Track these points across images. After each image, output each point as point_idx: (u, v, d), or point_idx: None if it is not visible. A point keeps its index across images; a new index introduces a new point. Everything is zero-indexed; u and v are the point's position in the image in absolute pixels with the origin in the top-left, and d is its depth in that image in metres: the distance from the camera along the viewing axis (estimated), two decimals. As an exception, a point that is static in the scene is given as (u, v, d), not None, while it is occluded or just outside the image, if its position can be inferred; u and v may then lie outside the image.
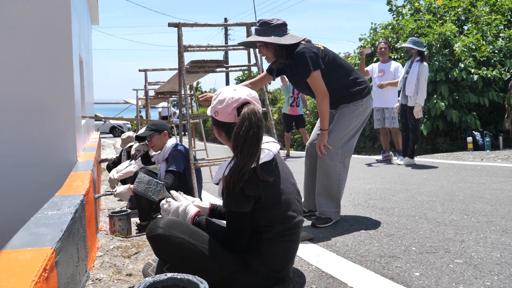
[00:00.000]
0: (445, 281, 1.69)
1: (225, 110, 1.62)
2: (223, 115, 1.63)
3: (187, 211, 1.70)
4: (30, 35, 3.29)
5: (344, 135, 2.56)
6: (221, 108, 1.63)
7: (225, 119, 1.64)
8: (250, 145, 1.51)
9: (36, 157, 3.33)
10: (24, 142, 3.31)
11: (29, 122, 3.32)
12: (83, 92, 5.10)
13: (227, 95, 1.63)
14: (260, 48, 2.53)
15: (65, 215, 1.56)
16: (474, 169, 4.65)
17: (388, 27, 8.87)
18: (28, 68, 3.31)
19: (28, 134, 3.32)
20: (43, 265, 1.09)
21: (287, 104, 7.52)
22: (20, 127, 3.31)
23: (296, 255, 1.73)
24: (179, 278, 1.19)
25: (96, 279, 1.93)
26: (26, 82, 3.31)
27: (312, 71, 2.42)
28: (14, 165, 3.29)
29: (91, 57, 7.78)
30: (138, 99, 8.24)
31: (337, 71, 2.53)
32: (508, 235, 2.24)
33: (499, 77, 7.02)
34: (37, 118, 3.34)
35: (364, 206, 3.13)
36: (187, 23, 3.05)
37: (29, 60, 3.31)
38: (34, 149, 3.33)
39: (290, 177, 1.72)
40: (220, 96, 1.65)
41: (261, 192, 1.55)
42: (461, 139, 7.29)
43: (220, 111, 1.63)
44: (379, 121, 5.95)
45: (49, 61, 3.34)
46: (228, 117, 1.63)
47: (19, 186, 3.28)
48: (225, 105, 1.62)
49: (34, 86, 3.32)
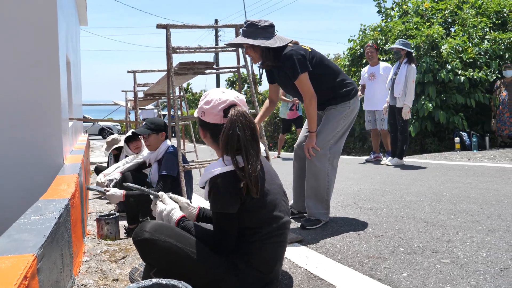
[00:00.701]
0: (432, 281, 1.70)
1: (211, 111, 1.62)
2: (209, 116, 1.63)
3: (171, 216, 1.69)
4: (15, 36, 3.23)
5: (332, 137, 2.57)
6: (208, 108, 1.63)
7: (211, 120, 1.63)
8: (250, 146, 1.53)
9: (21, 160, 3.27)
10: (8, 145, 3.24)
11: (13, 123, 3.26)
12: (70, 94, 5.03)
13: (215, 96, 1.63)
14: (247, 50, 2.52)
15: (49, 220, 1.53)
16: (461, 169, 4.71)
17: (377, 29, 8.94)
18: (13, 69, 3.25)
19: (12, 136, 3.26)
20: (24, 273, 1.06)
21: (286, 108, 7.45)
22: (4, 129, 3.24)
23: (284, 256, 1.73)
24: (165, 284, 1.17)
25: (82, 285, 1.90)
26: (10, 83, 3.24)
27: (299, 73, 2.43)
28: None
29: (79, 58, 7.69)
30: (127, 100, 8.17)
31: (324, 73, 2.54)
32: (494, 235, 2.26)
33: (485, 78, 7.13)
34: (22, 119, 3.27)
35: (353, 207, 3.14)
36: (175, 24, 3.03)
37: (14, 61, 3.25)
38: (19, 151, 3.26)
39: (276, 178, 1.72)
40: (208, 97, 1.65)
41: None
42: (449, 140, 7.38)
43: (207, 111, 1.63)
44: (370, 122, 6.03)
45: (35, 62, 3.28)
46: (214, 118, 1.62)
47: (2, 190, 3.21)
48: (212, 105, 1.62)
49: (19, 88, 3.26)
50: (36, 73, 3.29)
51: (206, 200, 1.66)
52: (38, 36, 3.27)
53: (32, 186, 3.16)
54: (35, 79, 3.29)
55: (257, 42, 2.41)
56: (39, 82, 3.30)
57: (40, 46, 3.28)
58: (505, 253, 1.97)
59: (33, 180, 3.23)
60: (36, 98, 3.30)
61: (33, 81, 3.29)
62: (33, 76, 3.28)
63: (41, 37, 3.28)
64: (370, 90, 5.88)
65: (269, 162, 1.79)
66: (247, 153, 1.52)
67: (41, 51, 3.29)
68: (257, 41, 2.41)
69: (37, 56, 3.28)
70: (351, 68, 9.09)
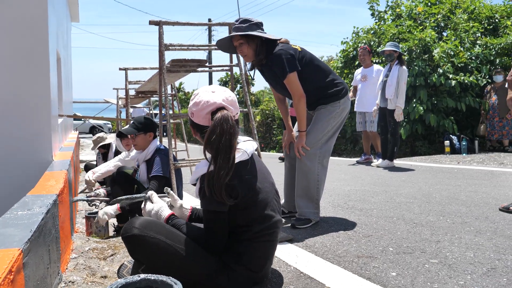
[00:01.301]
0: (420, 280, 1.72)
1: (199, 113, 1.60)
2: (198, 118, 1.62)
3: (159, 214, 1.67)
4: (4, 30, 3.18)
5: (322, 136, 2.58)
6: (196, 110, 1.61)
7: (199, 122, 1.62)
8: (224, 152, 1.48)
9: (9, 156, 3.22)
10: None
11: (1, 119, 3.21)
12: (60, 90, 4.97)
13: (203, 98, 1.59)
14: (241, 47, 2.47)
15: (36, 215, 1.51)
16: (451, 172, 4.76)
17: (370, 31, 9.00)
18: (1, 64, 3.20)
19: (0, 132, 3.21)
20: (9, 267, 1.05)
21: None
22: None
23: (274, 255, 1.72)
24: (153, 279, 1.16)
25: (69, 281, 1.87)
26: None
27: (288, 73, 2.43)
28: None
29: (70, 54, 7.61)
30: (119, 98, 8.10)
31: (314, 73, 2.55)
32: (482, 236, 2.29)
33: (475, 83, 7.23)
34: (10, 115, 3.22)
35: (343, 207, 3.15)
36: (168, 21, 3.01)
37: (2, 56, 3.20)
38: (7, 147, 3.21)
39: (268, 176, 1.71)
40: (197, 98, 1.62)
41: (239, 191, 1.53)
42: (439, 143, 7.46)
43: (195, 113, 1.62)
44: (360, 124, 6.07)
45: (24, 57, 3.23)
46: (202, 120, 1.61)
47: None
48: (200, 108, 1.59)
49: (8, 83, 3.21)
50: (25, 69, 3.24)
51: (196, 197, 1.65)
52: (28, 31, 3.22)
53: (20, 182, 3.12)
54: (24, 74, 3.24)
55: (256, 33, 2.40)
56: (28, 77, 3.25)
57: (30, 40, 3.23)
58: (492, 254, 1.99)
59: (21, 176, 3.19)
60: (25, 93, 3.25)
61: (22, 77, 3.24)
62: (23, 72, 3.24)
63: (30, 32, 3.23)
64: (362, 91, 5.93)
65: (261, 160, 1.79)
66: (217, 159, 1.48)
67: (31, 45, 3.24)
68: (255, 32, 2.40)
69: (27, 50, 3.24)
70: (344, 70, 9.14)
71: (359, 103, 5.98)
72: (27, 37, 3.22)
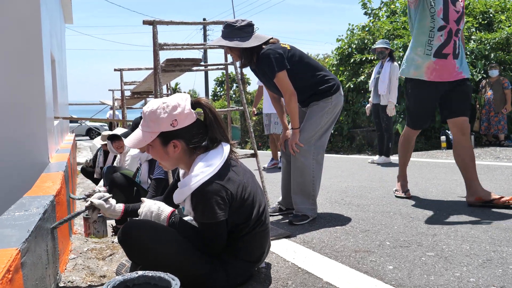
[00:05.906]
0: (417, 273, 1.73)
1: (183, 112, 1.55)
2: (183, 120, 1.56)
3: (159, 214, 1.60)
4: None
5: (315, 133, 2.59)
6: (178, 113, 1.54)
7: (187, 122, 1.57)
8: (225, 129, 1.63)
9: (4, 158, 3.20)
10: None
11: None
12: (55, 92, 4.96)
13: (175, 100, 1.56)
14: (227, 50, 2.56)
15: (33, 215, 1.51)
16: (447, 167, 4.79)
17: (365, 29, 9.03)
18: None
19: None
20: (7, 266, 1.05)
21: None
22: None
23: (268, 243, 1.72)
24: (150, 276, 1.17)
25: (68, 281, 1.88)
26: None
27: (277, 72, 2.45)
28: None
29: (65, 56, 7.58)
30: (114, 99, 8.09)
31: (304, 70, 2.56)
32: (477, 229, 2.31)
33: (471, 78, 7.26)
34: (5, 117, 3.21)
35: (340, 203, 3.17)
36: (162, 20, 3.01)
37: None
38: (2, 150, 3.20)
39: (245, 168, 1.69)
40: (169, 106, 1.54)
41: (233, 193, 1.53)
42: (435, 138, 7.50)
43: (179, 116, 1.54)
44: (267, 126, 5.97)
45: (18, 59, 3.22)
46: (189, 118, 1.57)
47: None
48: (182, 107, 1.55)
49: (2, 85, 3.20)
50: (19, 71, 3.22)
51: (187, 214, 1.61)
52: (21, 31, 3.20)
53: (17, 184, 3.11)
54: (18, 76, 3.22)
55: (232, 44, 2.42)
56: (23, 79, 3.24)
57: (23, 42, 3.21)
58: (488, 246, 2.01)
59: (17, 178, 3.18)
60: (19, 95, 3.24)
61: (16, 79, 3.22)
62: (17, 74, 3.22)
63: (23, 33, 3.21)
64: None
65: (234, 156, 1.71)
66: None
67: (24, 47, 3.22)
68: (232, 43, 2.42)
69: (20, 52, 3.22)
70: (339, 67, 9.16)
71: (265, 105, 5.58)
72: (20, 38, 3.20)
